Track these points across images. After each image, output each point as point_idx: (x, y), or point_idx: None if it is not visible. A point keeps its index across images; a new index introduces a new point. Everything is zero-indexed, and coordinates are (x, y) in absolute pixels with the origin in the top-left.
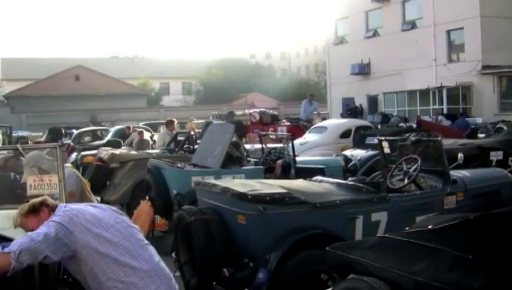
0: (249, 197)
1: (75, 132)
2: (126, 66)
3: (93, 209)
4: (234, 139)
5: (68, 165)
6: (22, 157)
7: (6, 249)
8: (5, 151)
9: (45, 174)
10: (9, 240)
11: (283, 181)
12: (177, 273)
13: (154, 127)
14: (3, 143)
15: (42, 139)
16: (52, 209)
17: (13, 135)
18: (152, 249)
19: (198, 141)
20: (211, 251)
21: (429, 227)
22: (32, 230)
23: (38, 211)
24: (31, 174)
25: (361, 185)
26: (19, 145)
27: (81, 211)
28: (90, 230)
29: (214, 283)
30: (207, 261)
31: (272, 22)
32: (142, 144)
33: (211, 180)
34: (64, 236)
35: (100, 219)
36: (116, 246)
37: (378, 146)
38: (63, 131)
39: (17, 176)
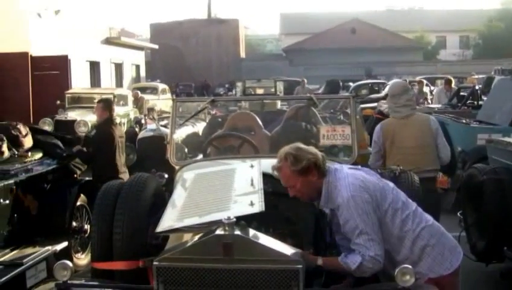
0: None
1: (351, 84)
2: (402, 18)
3: (370, 177)
4: None
5: None
6: (313, 108)
7: (349, 262)
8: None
9: (338, 125)
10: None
11: None
12: (463, 234)
13: (431, 81)
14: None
15: (320, 91)
16: (323, 173)
17: None
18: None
19: (482, 97)
20: (504, 213)
21: None
22: (290, 186)
23: (308, 173)
24: (324, 125)
25: None
26: (313, 95)
27: (370, 182)
28: (380, 204)
29: (505, 248)
30: (499, 224)
31: None
32: (422, 96)
33: (506, 138)
34: (372, 219)
35: (382, 188)
36: (400, 214)
37: None
38: (341, 84)
39: (308, 126)
